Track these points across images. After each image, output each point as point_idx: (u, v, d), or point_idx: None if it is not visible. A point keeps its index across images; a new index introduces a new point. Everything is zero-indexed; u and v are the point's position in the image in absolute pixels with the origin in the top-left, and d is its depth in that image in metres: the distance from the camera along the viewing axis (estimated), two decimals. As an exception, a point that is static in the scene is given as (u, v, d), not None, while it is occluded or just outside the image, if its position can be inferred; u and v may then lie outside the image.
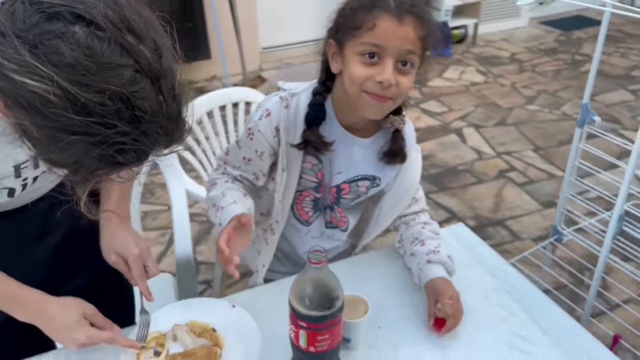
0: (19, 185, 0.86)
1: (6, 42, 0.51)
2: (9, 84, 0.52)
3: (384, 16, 0.91)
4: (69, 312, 0.87)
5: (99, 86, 0.53)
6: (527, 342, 1.00)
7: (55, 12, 0.53)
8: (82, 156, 0.56)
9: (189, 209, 2.58)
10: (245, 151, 1.08)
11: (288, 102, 1.04)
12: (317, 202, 1.14)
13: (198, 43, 3.74)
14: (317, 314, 0.81)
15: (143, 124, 0.57)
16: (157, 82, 0.58)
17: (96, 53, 0.53)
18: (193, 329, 0.99)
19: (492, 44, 4.56)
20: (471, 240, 1.26)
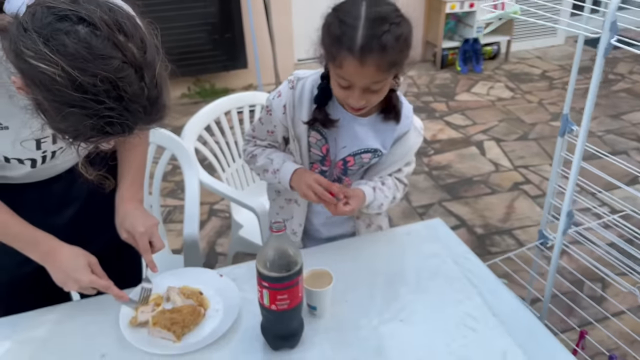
0: (39, 157, 1.05)
1: (27, 35, 0.70)
2: (27, 67, 0.71)
3: (348, 58, 1.01)
4: (77, 258, 1.06)
5: (93, 71, 0.70)
6: (475, 320, 1.11)
7: (64, 14, 0.71)
8: (79, 125, 0.74)
9: (215, 205, 2.79)
10: (267, 125, 1.29)
11: (294, 84, 1.22)
12: (325, 175, 1.29)
13: (236, 53, 3.98)
14: (276, 275, 0.95)
15: (126, 103, 0.74)
16: (140, 71, 0.75)
17: (92, 46, 0.71)
18: (183, 292, 1.16)
19: (525, 61, 4.60)
20: (444, 233, 1.37)
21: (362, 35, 0.99)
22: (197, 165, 1.71)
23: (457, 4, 4.18)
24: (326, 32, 1.05)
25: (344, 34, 1.00)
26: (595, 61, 1.22)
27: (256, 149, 1.33)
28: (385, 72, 1.04)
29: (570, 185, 1.30)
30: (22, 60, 0.70)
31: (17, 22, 0.71)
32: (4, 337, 1.07)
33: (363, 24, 0.99)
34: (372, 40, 0.99)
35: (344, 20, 1.01)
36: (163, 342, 1.06)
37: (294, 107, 1.21)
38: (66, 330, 1.10)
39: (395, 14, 1.03)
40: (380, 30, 0.99)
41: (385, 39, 0.99)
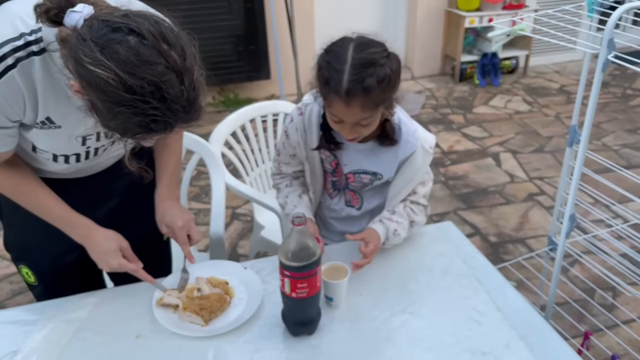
0: (84, 152, 1.17)
1: (85, 44, 0.81)
2: (85, 71, 0.82)
3: (334, 99, 1.10)
4: (109, 242, 1.17)
5: (141, 75, 0.82)
6: (481, 314, 1.19)
7: (117, 26, 0.83)
8: (127, 123, 0.85)
9: (237, 209, 2.90)
10: (288, 149, 1.38)
11: (302, 110, 1.32)
12: (335, 184, 1.41)
13: (259, 64, 4.12)
14: (297, 265, 1.05)
15: (168, 103, 0.85)
16: (180, 76, 0.86)
17: (140, 54, 0.82)
18: (211, 282, 1.26)
19: (543, 75, 4.65)
20: (454, 235, 1.46)
21: (346, 80, 1.07)
22: (224, 168, 1.83)
23: (476, 18, 4.27)
24: (318, 73, 1.14)
25: (331, 78, 1.09)
26: (595, 76, 1.30)
27: (281, 182, 1.45)
28: (370, 110, 1.13)
29: (572, 190, 1.37)
30: (81, 65, 0.82)
31: (77, 33, 0.83)
32: (49, 317, 1.19)
33: (348, 69, 1.07)
34: (355, 85, 1.07)
35: (332, 64, 1.10)
36: (192, 326, 1.16)
37: (305, 132, 1.32)
38: (105, 312, 1.21)
39: (381, 55, 1.10)
40: (363, 75, 1.07)
41: (368, 82, 1.07)
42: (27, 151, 1.14)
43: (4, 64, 0.92)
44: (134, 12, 0.86)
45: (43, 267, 1.32)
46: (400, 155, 1.30)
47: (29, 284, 1.35)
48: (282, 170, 1.45)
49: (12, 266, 2.49)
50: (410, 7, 4.58)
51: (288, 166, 1.43)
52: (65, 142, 1.12)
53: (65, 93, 1.01)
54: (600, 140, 3.51)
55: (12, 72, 0.93)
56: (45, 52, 0.95)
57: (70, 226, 1.19)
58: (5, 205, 1.28)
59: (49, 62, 0.96)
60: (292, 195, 1.41)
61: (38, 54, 0.94)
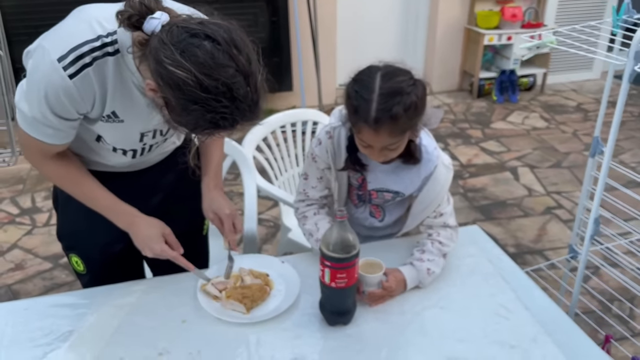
0: (140, 148, 1.27)
1: (166, 47, 0.90)
2: (165, 72, 0.91)
3: (363, 127, 1.15)
4: (152, 228, 1.25)
5: (216, 77, 0.90)
6: (508, 311, 1.24)
7: (195, 32, 0.92)
8: (199, 118, 0.93)
9: (261, 215, 2.98)
10: (316, 173, 1.41)
11: (332, 134, 1.36)
12: (360, 197, 1.46)
13: (282, 76, 4.23)
14: (337, 256, 1.12)
15: (237, 103, 0.93)
16: (247, 79, 0.94)
17: (215, 57, 0.90)
18: (252, 273, 1.34)
19: (561, 93, 4.71)
20: (480, 237, 1.52)
21: (375, 109, 1.12)
22: (255, 170, 1.91)
23: (495, 36, 4.35)
24: (347, 101, 1.19)
25: (360, 107, 1.14)
26: (622, 86, 1.36)
27: (308, 210, 1.44)
28: (397, 136, 1.18)
29: (597, 193, 1.43)
30: (161, 66, 0.91)
31: (158, 37, 0.92)
32: (101, 302, 1.27)
33: (376, 99, 1.12)
34: (384, 114, 1.12)
35: (361, 93, 1.14)
36: (234, 313, 1.23)
37: (335, 154, 1.36)
38: (152, 299, 1.28)
39: (408, 84, 1.14)
40: (391, 103, 1.12)
41: (396, 110, 1.12)
42: (90, 142, 1.23)
43: (81, 62, 1.01)
44: (207, 19, 0.95)
45: (92, 256, 1.40)
46: (423, 173, 1.33)
47: (78, 272, 1.43)
48: (308, 195, 1.44)
49: (44, 263, 2.59)
50: (430, 23, 4.68)
51: (315, 190, 1.43)
52: (125, 136, 1.21)
53: (130, 91, 1.10)
54: (617, 158, 3.55)
55: (88, 70, 1.02)
56: (118, 54, 1.04)
57: (115, 214, 1.26)
58: (61, 196, 1.37)
59: (121, 62, 1.05)
60: (321, 222, 1.41)
61: (112, 54, 1.04)
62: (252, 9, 3.96)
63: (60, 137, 1.13)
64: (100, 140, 1.22)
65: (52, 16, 1.10)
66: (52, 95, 1.03)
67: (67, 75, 1.01)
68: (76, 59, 1.01)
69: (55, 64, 1.00)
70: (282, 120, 2.14)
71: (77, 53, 1.01)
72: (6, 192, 3.21)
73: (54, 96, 1.03)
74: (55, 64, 1.00)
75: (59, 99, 1.04)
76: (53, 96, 1.03)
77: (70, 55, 1.01)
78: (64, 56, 1.01)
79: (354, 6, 4.45)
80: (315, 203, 1.45)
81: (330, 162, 1.37)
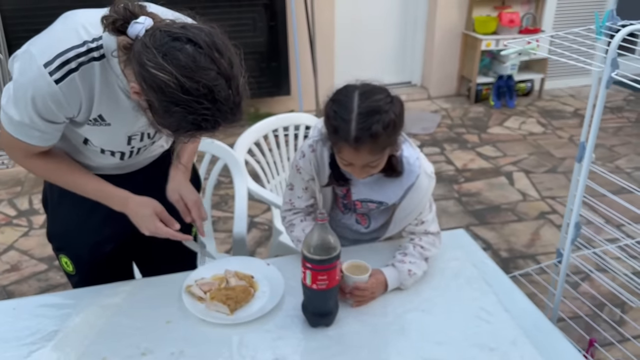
0: (128, 151, 1.29)
1: (149, 51, 0.93)
2: (148, 74, 0.93)
3: (344, 146, 1.17)
4: (144, 207, 1.26)
5: (197, 79, 0.92)
6: (489, 314, 1.26)
7: (177, 36, 0.94)
8: (181, 120, 0.95)
9: (255, 218, 3.00)
10: (301, 183, 1.43)
11: (314, 147, 1.37)
12: (346, 205, 1.48)
13: (280, 80, 4.26)
14: (318, 258, 1.14)
15: (218, 105, 0.95)
16: (229, 81, 0.96)
17: (197, 60, 0.93)
18: (238, 275, 1.35)
19: (558, 98, 4.72)
20: (465, 241, 1.53)
21: (354, 129, 1.13)
22: (246, 173, 1.93)
23: (493, 42, 4.37)
24: (326, 121, 1.21)
25: (340, 127, 1.15)
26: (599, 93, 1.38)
27: (295, 218, 1.46)
28: (378, 153, 1.20)
29: (577, 198, 1.44)
30: (144, 69, 0.93)
31: (142, 41, 0.94)
32: (87, 303, 1.29)
33: (355, 118, 1.14)
34: (363, 133, 1.13)
35: (339, 114, 1.16)
36: (218, 314, 1.25)
37: (318, 166, 1.37)
38: (138, 299, 1.30)
39: (385, 102, 1.16)
40: (370, 122, 1.13)
41: (375, 129, 1.13)
42: (77, 144, 1.26)
43: (67, 67, 1.03)
44: (190, 24, 0.98)
45: (81, 257, 1.41)
46: (405, 183, 1.34)
47: (68, 273, 1.45)
48: (294, 205, 1.46)
49: (40, 265, 2.61)
50: (429, 29, 4.70)
51: (301, 200, 1.45)
52: (112, 139, 1.23)
53: (116, 95, 1.12)
54: (613, 163, 3.56)
55: (73, 75, 1.04)
56: (104, 58, 1.06)
57: (107, 197, 1.28)
58: (51, 197, 1.39)
59: (107, 67, 1.08)
60: (308, 228, 1.42)
61: (98, 59, 1.06)
62: (250, 14, 3.99)
63: (45, 140, 1.15)
64: (88, 142, 1.24)
65: (51, 20, 1.11)
66: (39, 100, 1.05)
67: (53, 80, 1.03)
68: (62, 64, 1.03)
69: (41, 69, 1.03)
70: (274, 124, 2.16)
71: (63, 59, 1.03)
72: (4, 194, 3.24)
73: (41, 101, 1.05)
74: (41, 69, 1.03)
75: (46, 103, 1.06)
76: (40, 101, 1.05)
77: (56, 60, 1.03)
78: (50, 62, 1.03)
79: (352, 11, 4.48)
80: (301, 211, 1.47)
81: (314, 175, 1.38)
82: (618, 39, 1.25)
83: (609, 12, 1.49)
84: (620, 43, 1.34)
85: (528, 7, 4.63)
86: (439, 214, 2.88)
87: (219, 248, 2.61)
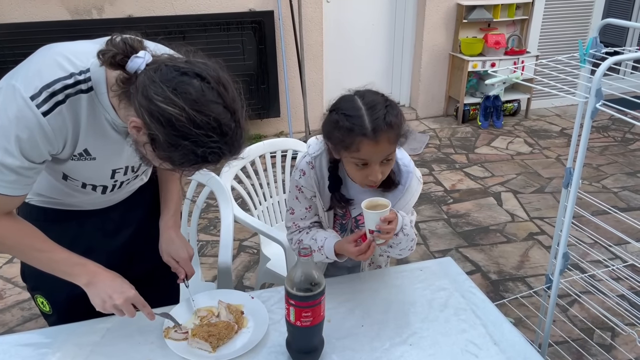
0: (111, 185, 1.26)
1: (156, 85, 0.92)
2: (156, 108, 0.92)
3: (362, 141, 1.18)
4: (117, 278, 1.21)
5: (207, 113, 0.92)
6: (477, 347, 1.23)
7: (184, 71, 0.94)
8: (188, 154, 0.94)
9: (244, 242, 2.96)
10: (303, 203, 1.44)
11: (313, 164, 1.39)
12: (343, 226, 1.47)
13: (270, 103, 4.26)
14: (302, 294, 1.11)
15: (226, 138, 0.95)
16: (233, 115, 0.96)
17: (205, 95, 0.93)
18: (230, 308, 1.32)
19: (545, 118, 4.76)
20: (453, 270, 1.51)
21: (369, 121, 1.18)
22: (232, 201, 1.90)
23: (479, 63, 4.41)
24: (335, 128, 1.22)
25: (354, 124, 1.18)
26: (584, 123, 1.38)
27: (301, 234, 1.46)
28: (394, 143, 1.23)
29: (565, 228, 1.44)
30: (152, 103, 0.92)
31: (148, 75, 0.94)
32: (63, 341, 1.25)
33: (366, 112, 1.19)
34: (379, 122, 1.18)
35: (348, 114, 1.20)
36: (200, 352, 1.21)
37: (319, 182, 1.39)
38: (117, 337, 1.26)
39: (382, 97, 1.23)
40: (380, 112, 1.19)
41: (388, 117, 1.19)
42: (55, 180, 1.22)
43: (54, 99, 1.01)
44: (193, 60, 0.98)
45: (58, 297, 1.37)
46: (404, 184, 1.37)
47: (44, 312, 1.41)
48: (299, 226, 1.47)
49: (23, 293, 2.55)
50: (416, 50, 4.74)
51: (304, 221, 1.46)
52: (96, 173, 1.20)
53: (103, 128, 1.10)
54: (600, 183, 3.58)
55: (61, 107, 1.02)
56: (92, 91, 1.04)
57: (77, 266, 1.20)
58: None
59: (95, 99, 1.06)
60: (317, 234, 1.43)
61: (86, 92, 1.04)
62: (239, 37, 4.00)
63: (20, 186, 1.07)
64: (67, 178, 1.21)
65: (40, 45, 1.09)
66: (24, 133, 1.01)
67: (40, 112, 1.00)
68: (49, 96, 1.01)
69: (28, 101, 0.99)
70: (262, 150, 2.14)
71: (49, 91, 1.01)
72: (-13, 220, 3.18)
73: (27, 134, 1.01)
74: (28, 101, 0.99)
75: (32, 137, 1.02)
76: (25, 134, 1.01)
77: (43, 93, 1.00)
78: (37, 94, 1.00)
79: (340, 33, 4.51)
80: (306, 228, 1.48)
81: (316, 190, 1.39)
82: (602, 71, 1.25)
83: (592, 39, 1.50)
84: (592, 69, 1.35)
85: (513, 28, 4.69)
86: (428, 236, 2.89)
87: (206, 274, 2.57)
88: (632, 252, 2.58)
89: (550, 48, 4.78)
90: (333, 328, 1.28)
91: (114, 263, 1.41)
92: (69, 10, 3.76)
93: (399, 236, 1.32)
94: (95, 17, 3.80)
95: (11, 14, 3.66)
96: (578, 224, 1.87)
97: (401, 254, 1.40)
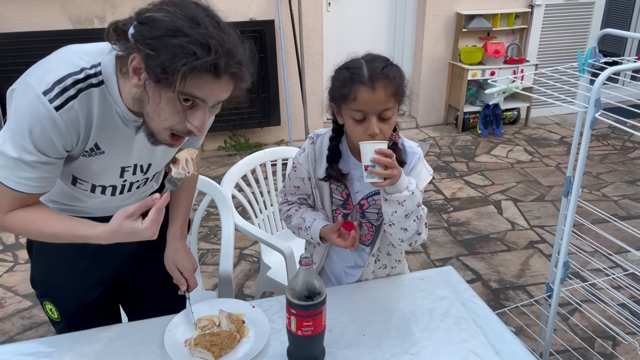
0: (120, 185, 1.25)
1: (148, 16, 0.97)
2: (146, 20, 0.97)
3: (360, 88, 1.22)
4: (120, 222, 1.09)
5: (193, 13, 0.97)
6: (479, 357, 1.23)
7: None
8: (177, 50, 0.92)
9: (244, 250, 2.97)
10: (294, 181, 1.47)
11: (314, 140, 1.42)
12: (345, 216, 1.44)
13: (270, 111, 4.27)
14: (303, 304, 1.12)
15: (217, 31, 0.97)
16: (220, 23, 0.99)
17: (192, 9, 0.98)
18: (231, 317, 1.33)
19: (544, 126, 4.78)
20: (454, 279, 1.51)
21: (367, 70, 1.23)
22: (233, 209, 1.91)
23: (479, 71, 4.43)
24: (336, 81, 1.28)
25: (353, 74, 1.24)
26: (583, 132, 1.39)
27: (291, 209, 1.50)
28: (392, 97, 1.24)
29: (565, 237, 1.44)
30: (141, 17, 0.96)
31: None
32: (66, 349, 1.25)
33: (366, 64, 1.25)
34: (377, 71, 1.23)
35: (349, 67, 1.26)
36: (202, 361, 1.21)
37: (315, 160, 1.41)
38: (119, 346, 1.26)
39: (386, 59, 1.28)
40: (381, 65, 1.24)
41: (387, 70, 1.24)
42: (65, 186, 1.23)
43: (66, 94, 1.02)
44: None
45: (67, 304, 1.37)
46: (409, 164, 1.37)
47: (52, 320, 1.41)
48: (288, 199, 1.52)
49: (24, 301, 2.55)
50: (416, 59, 4.76)
51: (293, 196, 1.51)
52: (105, 170, 1.20)
53: (114, 121, 1.11)
54: (600, 191, 3.59)
55: (73, 102, 1.03)
56: (103, 85, 1.06)
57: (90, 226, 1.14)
58: (35, 242, 1.36)
59: (105, 93, 1.07)
60: (306, 213, 1.46)
61: (96, 85, 1.05)
62: (239, 46, 4.02)
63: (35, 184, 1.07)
64: (77, 182, 1.21)
65: (42, 54, 1.11)
66: (37, 129, 1.01)
67: (53, 107, 1.01)
68: (61, 91, 1.02)
69: (41, 97, 1.01)
70: (262, 159, 2.15)
71: (61, 86, 1.02)
72: (-12, 229, 3.18)
73: (40, 129, 1.01)
74: (41, 97, 1.01)
75: (45, 132, 1.02)
76: (39, 130, 1.01)
77: (55, 88, 1.01)
78: (49, 90, 1.01)
79: (340, 43, 4.54)
80: (295, 203, 1.51)
81: (310, 169, 1.41)
82: (600, 81, 1.27)
83: (591, 49, 1.51)
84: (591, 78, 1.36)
85: (513, 37, 4.72)
86: (429, 244, 2.89)
87: (207, 283, 2.57)
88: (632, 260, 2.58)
89: (549, 57, 4.81)
90: (334, 337, 1.28)
91: (121, 272, 1.43)
92: (71, 20, 3.79)
93: (403, 193, 1.26)
94: (97, 27, 3.82)
95: (14, 23, 3.69)
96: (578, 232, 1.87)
97: (407, 228, 1.32)
